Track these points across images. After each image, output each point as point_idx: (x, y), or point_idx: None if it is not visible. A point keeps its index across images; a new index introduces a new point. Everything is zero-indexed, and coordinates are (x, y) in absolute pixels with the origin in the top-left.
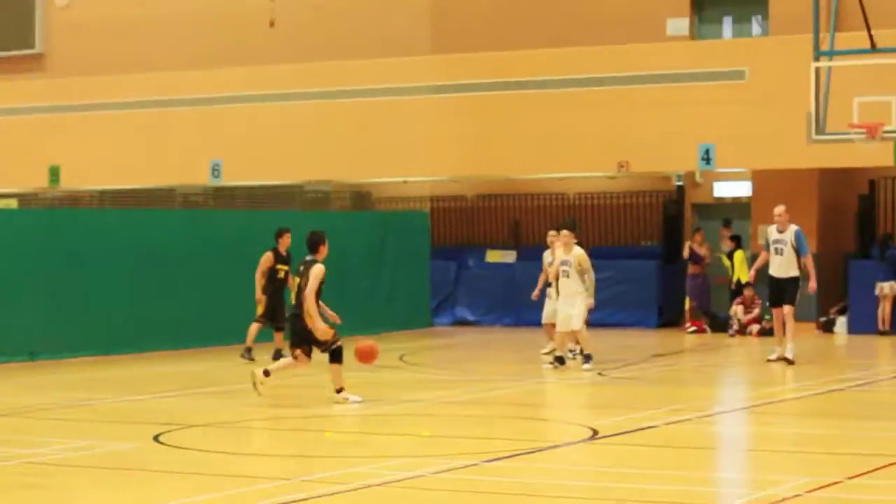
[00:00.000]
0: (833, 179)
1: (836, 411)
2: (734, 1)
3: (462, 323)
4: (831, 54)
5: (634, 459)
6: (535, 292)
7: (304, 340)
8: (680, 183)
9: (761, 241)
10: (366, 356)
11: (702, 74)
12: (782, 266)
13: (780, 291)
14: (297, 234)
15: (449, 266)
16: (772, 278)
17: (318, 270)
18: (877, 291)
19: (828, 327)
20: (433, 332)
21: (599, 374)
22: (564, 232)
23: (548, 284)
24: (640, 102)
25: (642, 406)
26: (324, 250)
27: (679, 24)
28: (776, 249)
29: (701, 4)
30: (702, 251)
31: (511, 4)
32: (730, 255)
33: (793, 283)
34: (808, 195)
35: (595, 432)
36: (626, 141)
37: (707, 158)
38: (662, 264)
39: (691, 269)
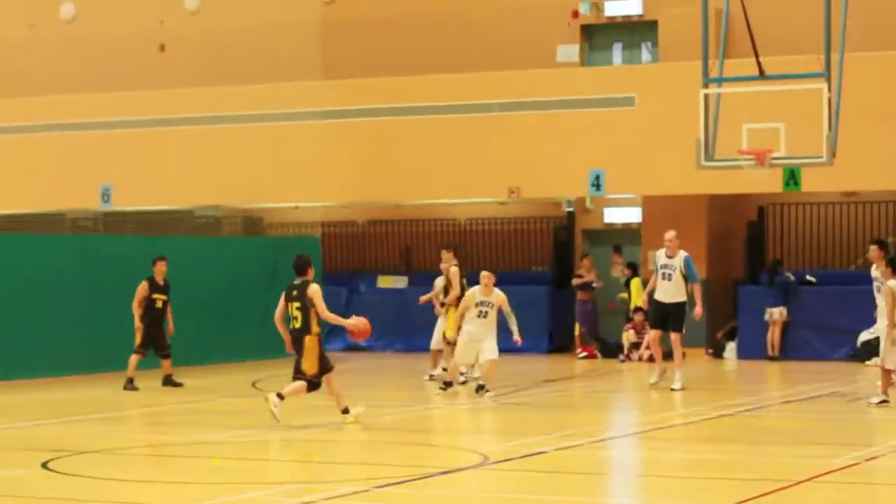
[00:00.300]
0: (722, 205)
1: (726, 436)
2: (624, 28)
3: (353, 348)
4: (720, 81)
5: (525, 485)
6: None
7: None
8: (570, 209)
9: (651, 267)
10: (359, 334)
11: (592, 101)
12: (669, 291)
13: (664, 316)
14: (187, 259)
15: (340, 292)
16: (658, 303)
17: (317, 289)
18: (766, 317)
19: (718, 353)
20: None
21: (491, 399)
22: (485, 273)
23: (441, 304)
24: (530, 128)
25: (533, 432)
26: (311, 272)
27: (569, 51)
28: (664, 275)
29: (591, 31)
30: (589, 277)
31: (403, 30)
32: (626, 283)
33: (679, 308)
34: (697, 221)
35: (485, 458)
36: (517, 167)
37: (597, 184)
38: (553, 290)
39: (580, 294)
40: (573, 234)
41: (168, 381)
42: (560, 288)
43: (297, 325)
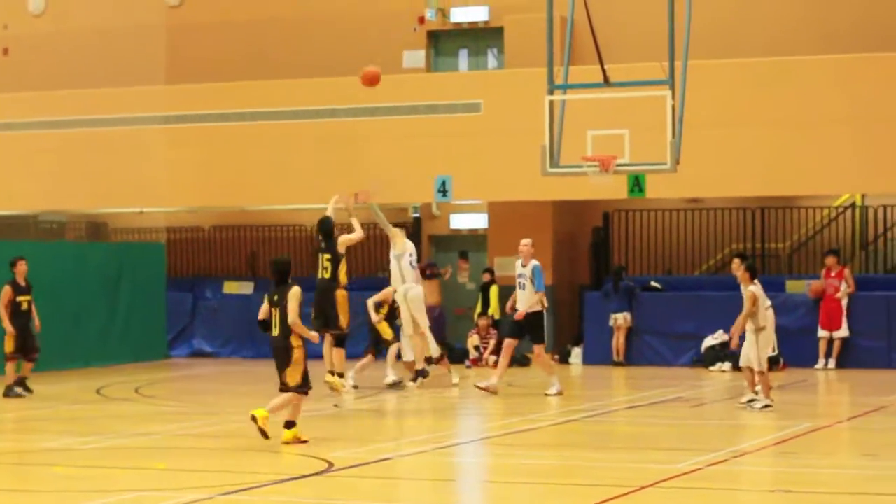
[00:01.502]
0: (568, 212)
1: (570, 442)
2: (469, 34)
3: (199, 355)
4: (565, 88)
5: (369, 492)
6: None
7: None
8: (417, 214)
9: (500, 273)
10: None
11: (438, 107)
12: (524, 301)
13: (517, 326)
14: (30, 264)
15: (185, 297)
16: (515, 313)
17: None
18: (611, 322)
19: (563, 358)
20: (170, 363)
21: (336, 405)
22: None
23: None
24: (376, 134)
25: (379, 438)
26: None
27: (415, 57)
28: (519, 284)
29: (437, 37)
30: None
31: (248, 35)
32: (483, 289)
33: (537, 318)
34: (542, 227)
35: (330, 464)
36: (363, 172)
37: (443, 190)
38: None
39: (428, 300)
40: (420, 240)
41: (21, 383)
42: None
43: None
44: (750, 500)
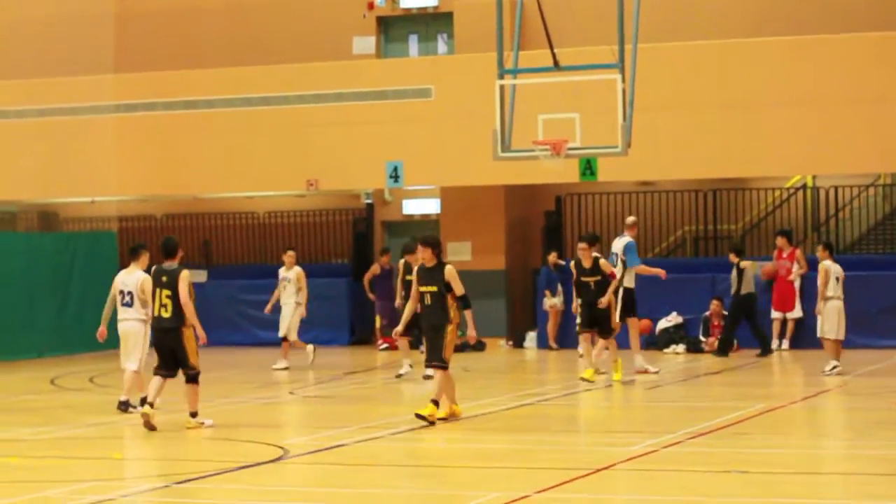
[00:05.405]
0: (520, 196)
1: (525, 426)
2: (419, 20)
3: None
4: (515, 72)
5: (325, 478)
6: (268, 307)
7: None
8: (369, 201)
9: (453, 258)
10: None
11: (389, 93)
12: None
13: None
14: None
15: None
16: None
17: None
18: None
19: (518, 342)
20: None
21: (291, 392)
22: None
23: None
24: (328, 121)
25: (334, 424)
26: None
27: (365, 43)
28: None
29: (387, 23)
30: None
31: (198, 22)
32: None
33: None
34: (495, 211)
35: (286, 451)
36: (315, 159)
37: (395, 176)
38: (353, 282)
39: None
40: (372, 226)
41: None
42: (360, 280)
43: (167, 314)
44: (705, 482)
